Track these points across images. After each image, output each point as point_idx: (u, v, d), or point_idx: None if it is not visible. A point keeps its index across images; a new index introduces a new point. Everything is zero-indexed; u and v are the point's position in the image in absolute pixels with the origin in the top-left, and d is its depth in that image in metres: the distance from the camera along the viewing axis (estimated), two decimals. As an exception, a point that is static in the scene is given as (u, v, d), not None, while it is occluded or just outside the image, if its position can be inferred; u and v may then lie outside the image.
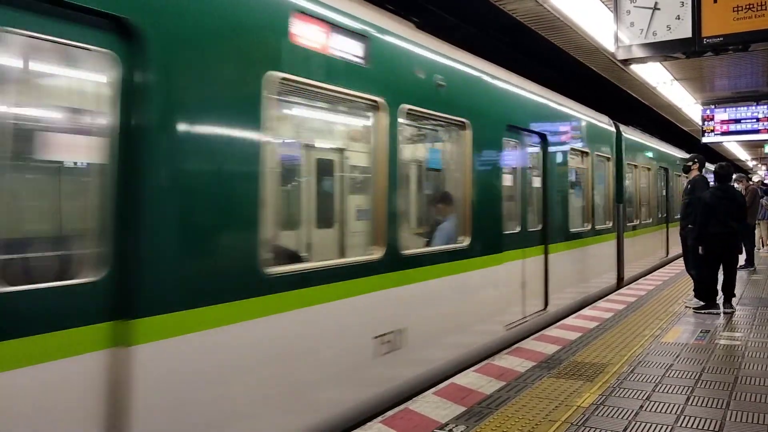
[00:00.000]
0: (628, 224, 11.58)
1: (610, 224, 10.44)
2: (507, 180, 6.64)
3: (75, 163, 3.11)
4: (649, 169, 13.54)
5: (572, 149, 8.70)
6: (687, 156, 12.22)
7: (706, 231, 7.85)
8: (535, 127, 7.48)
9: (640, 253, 12.42)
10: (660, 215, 14.61)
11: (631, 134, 12.03)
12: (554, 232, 7.77)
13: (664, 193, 15.31)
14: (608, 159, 10.50)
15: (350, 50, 4.34)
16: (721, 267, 8.14)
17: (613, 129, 10.86)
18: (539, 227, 7.53)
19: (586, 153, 9.34)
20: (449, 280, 5.45)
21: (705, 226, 7.85)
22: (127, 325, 2.81)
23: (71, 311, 2.63)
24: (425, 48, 5.33)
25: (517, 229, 6.90)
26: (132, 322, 2.82)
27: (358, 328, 4.39)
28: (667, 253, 15.09)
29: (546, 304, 7.60)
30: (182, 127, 3.11)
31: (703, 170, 8.93)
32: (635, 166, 12.33)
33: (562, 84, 11.36)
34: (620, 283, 10.95)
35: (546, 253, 7.55)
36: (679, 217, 9.58)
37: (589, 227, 9.30)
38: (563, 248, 8.08)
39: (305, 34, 3.92)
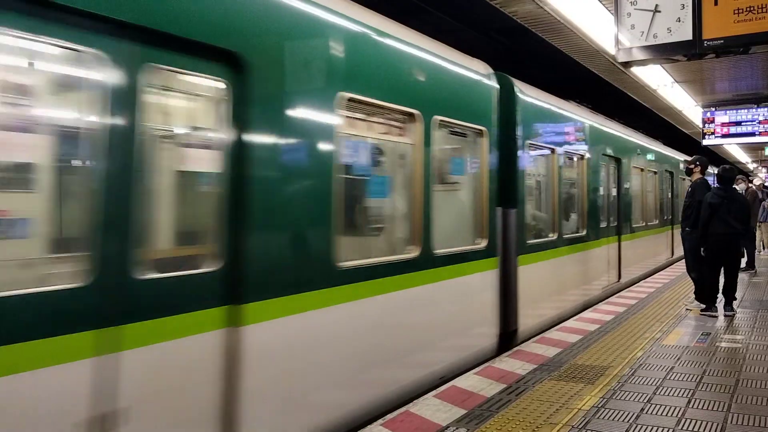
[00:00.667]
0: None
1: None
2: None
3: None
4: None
5: None
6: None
7: (708, 232, 7.86)
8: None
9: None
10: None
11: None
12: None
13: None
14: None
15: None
16: (722, 270, 8.13)
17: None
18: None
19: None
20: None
21: (707, 226, 7.87)
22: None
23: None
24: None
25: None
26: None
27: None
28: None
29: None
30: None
31: (706, 173, 8.88)
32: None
33: (562, 86, 11.37)
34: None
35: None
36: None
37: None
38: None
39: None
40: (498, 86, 6.53)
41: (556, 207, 8.08)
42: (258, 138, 3.54)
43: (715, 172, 8.86)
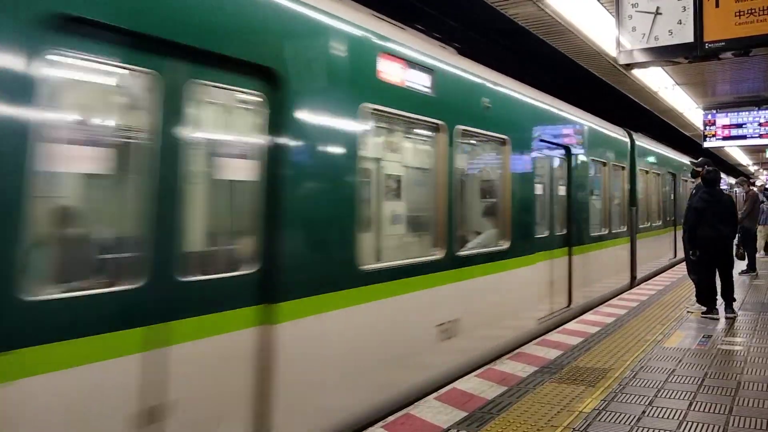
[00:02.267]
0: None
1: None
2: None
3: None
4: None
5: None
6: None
7: (696, 235, 7.96)
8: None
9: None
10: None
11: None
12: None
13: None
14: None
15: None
16: (717, 273, 8.15)
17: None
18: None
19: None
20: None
21: (694, 230, 7.99)
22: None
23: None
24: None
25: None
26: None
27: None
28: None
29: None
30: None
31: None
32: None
33: (562, 88, 11.37)
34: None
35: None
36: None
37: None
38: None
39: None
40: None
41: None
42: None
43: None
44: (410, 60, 5.04)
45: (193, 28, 3.22)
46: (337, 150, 4.22)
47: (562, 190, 8.47)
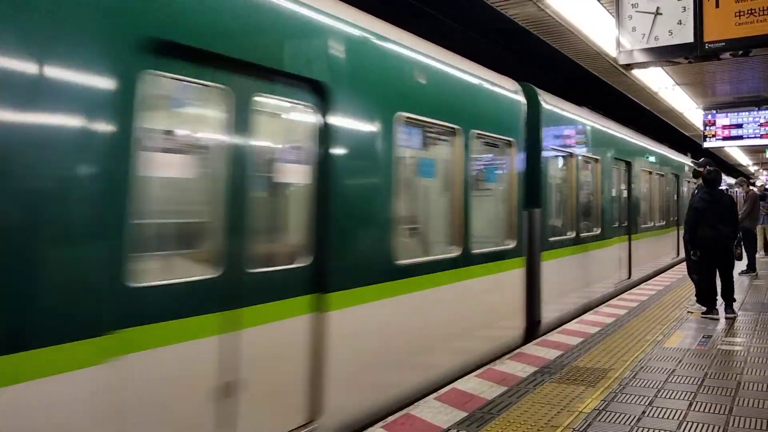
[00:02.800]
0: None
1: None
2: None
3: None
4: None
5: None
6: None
7: (695, 235, 7.96)
8: None
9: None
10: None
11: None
12: None
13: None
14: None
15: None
16: (717, 273, 8.15)
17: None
18: None
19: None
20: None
21: (694, 230, 7.99)
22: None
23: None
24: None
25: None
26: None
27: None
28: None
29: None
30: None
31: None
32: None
33: (562, 88, 11.37)
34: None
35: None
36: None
37: None
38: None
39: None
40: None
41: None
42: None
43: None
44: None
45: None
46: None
47: None
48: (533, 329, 7.23)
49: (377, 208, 4.58)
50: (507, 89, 6.90)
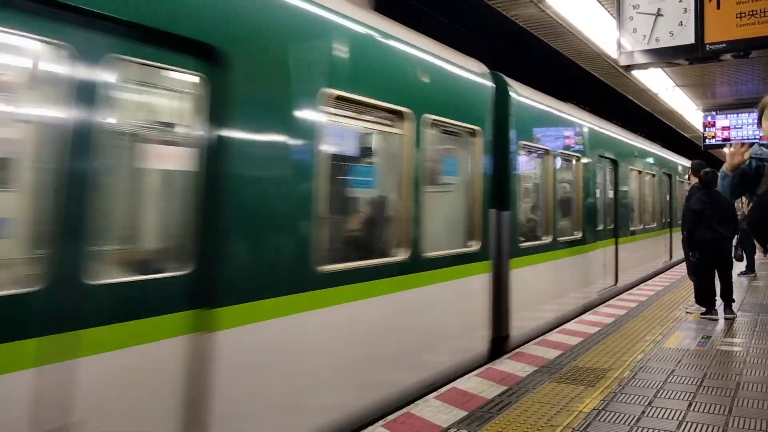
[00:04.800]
0: None
1: None
2: None
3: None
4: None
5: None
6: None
7: (694, 237, 8.00)
8: None
9: None
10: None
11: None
12: None
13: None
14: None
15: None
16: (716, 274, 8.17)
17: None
18: None
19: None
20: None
21: (692, 232, 8.04)
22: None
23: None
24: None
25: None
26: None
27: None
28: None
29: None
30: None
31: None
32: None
33: (562, 89, 11.38)
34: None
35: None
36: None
37: None
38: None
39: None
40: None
41: None
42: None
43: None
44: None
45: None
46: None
47: None
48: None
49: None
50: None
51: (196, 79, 3.30)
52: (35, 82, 2.91)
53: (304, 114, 3.92)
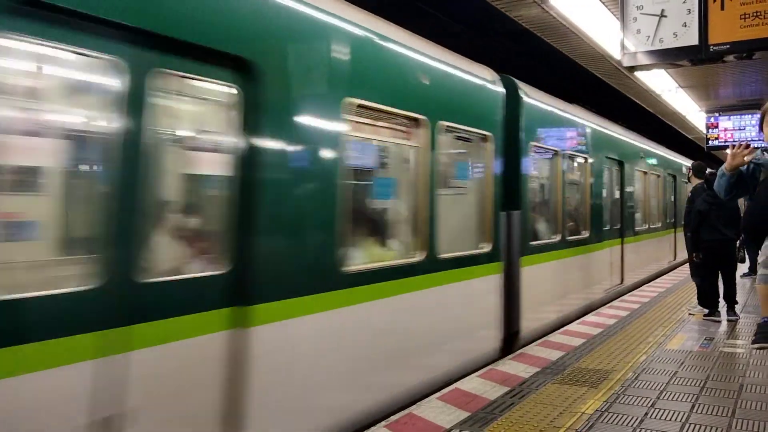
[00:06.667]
0: None
1: None
2: None
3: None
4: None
5: None
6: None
7: (699, 238, 7.97)
8: None
9: None
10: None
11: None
12: None
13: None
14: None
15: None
16: (720, 275, 8.15)
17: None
18: None
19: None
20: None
21: (697, 233, 7.99)
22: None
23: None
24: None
25: None
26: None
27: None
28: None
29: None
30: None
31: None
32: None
33: (565, 90, 11.37)
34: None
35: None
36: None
37: None
38: None
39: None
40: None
41: None
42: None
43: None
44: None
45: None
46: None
47: None
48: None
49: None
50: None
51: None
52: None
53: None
